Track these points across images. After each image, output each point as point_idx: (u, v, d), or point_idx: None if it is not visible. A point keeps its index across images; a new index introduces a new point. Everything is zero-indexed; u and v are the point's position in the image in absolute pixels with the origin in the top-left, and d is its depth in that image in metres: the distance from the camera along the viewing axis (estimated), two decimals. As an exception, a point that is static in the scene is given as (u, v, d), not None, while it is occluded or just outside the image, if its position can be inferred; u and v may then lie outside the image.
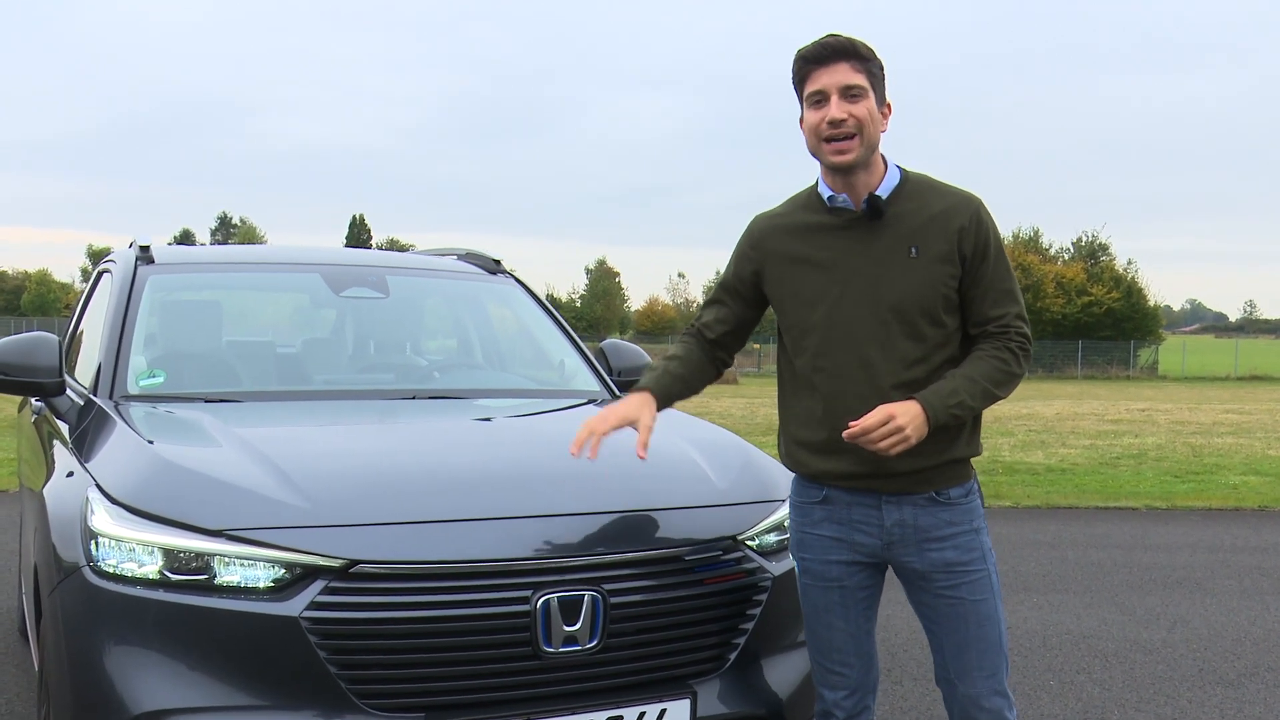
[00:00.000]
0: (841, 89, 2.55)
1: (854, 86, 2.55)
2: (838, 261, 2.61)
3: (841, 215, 2.62)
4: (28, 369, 3.56)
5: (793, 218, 2.71)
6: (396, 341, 4.54)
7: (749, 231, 2.79)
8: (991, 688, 2.64)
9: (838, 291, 2.60)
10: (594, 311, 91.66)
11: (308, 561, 2.48)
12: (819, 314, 2.62)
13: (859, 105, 2.55)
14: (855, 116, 2.54)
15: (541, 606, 2.54)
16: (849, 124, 2.54)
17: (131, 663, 2.48)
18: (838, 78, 2.55)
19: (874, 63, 2.60)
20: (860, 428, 2.48)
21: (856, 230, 2.61)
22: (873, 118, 2.57)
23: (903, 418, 2.47)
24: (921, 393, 2.53)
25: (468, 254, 4.82)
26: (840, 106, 2.55)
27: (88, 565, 2.57)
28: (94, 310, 4.29)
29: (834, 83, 2.55)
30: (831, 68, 2.56)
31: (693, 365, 2.85)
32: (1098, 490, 10.51)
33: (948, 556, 2.62)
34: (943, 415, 2.52)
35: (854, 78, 2.55)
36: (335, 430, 3.42)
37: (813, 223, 2.66)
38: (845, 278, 2.60)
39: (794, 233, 2.68)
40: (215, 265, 4.56)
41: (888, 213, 2.58)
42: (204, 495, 2.63)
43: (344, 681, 2.45)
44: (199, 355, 4.03)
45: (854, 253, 2.60)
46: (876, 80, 2.60)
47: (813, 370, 2.63)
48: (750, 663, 2.85)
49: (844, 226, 2.62)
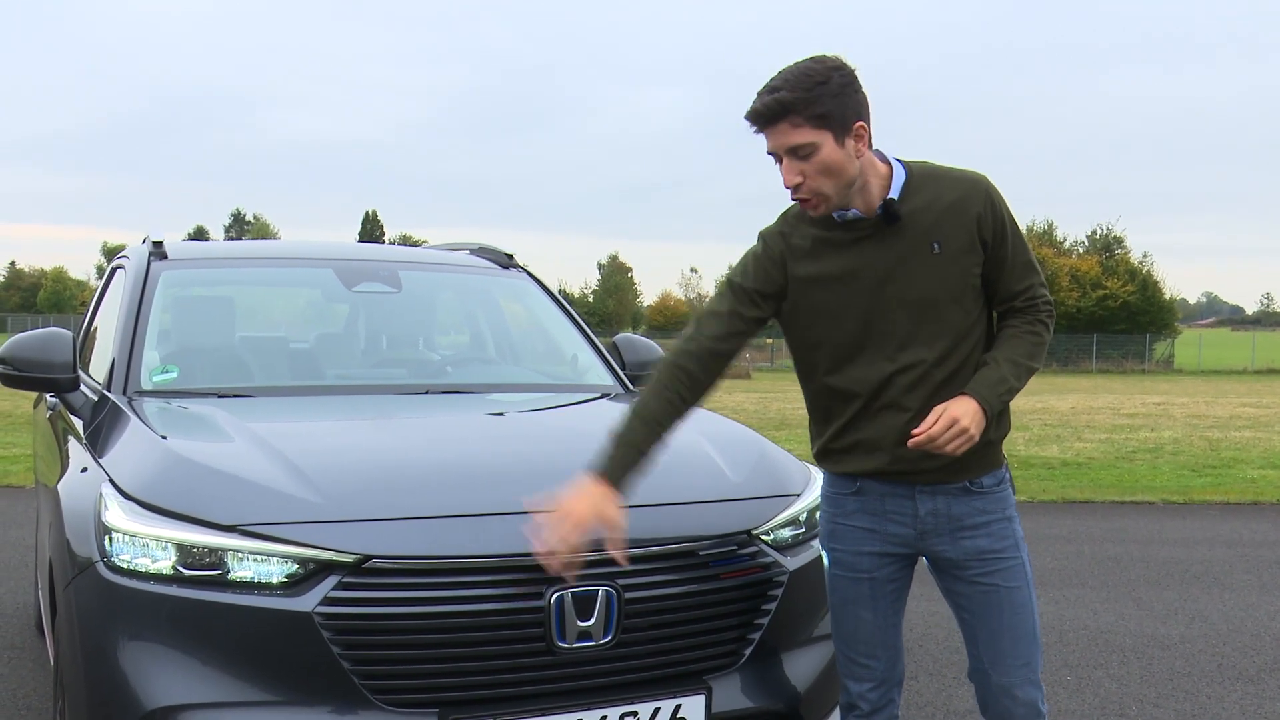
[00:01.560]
0: (787, 151, 2.45)
1: (799, 147, 2.42)
2: (862, 270, 2.55)
3: (855, 227, 2.56)
4: (42, 365, 3.57)
5: (806, 234, 2.61)
6: (409, 336, 4.54)
7: (764, 246, 2.66)
8: (1025, 676, 2.62)
9: (866, 301, 2.55)
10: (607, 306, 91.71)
11: (321, 557, 2.47)
12: (849, 325, 2.57)
13: (810, 163, 2.43)
14: (808, 175, 2.45)
15: (555, 602, 2.52)
16: (805, 186, 2.47)
17: (145, 658, 2.48)
18: (779, 140, 2.44)
19: (820, 101, 2.40)
20: (925, 436, 2.46)
21: (874, 237, 2.55)
22: (829, 168, 2.43)
23: (965, 419, 2.45)
24: (971, 385, 2.52)
25: (480, 249, 4.82)
26: (791, 169, 2.45)
27: (101, 560, 2.57)
28: (108, 306, 4.29)
29: (779, 146, 2.45)
30: (772, 130, 2.45)
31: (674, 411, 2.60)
32: (1114, 485, 10.46)
33: (981, 544, 2.61)
34: (996, 405, 2.51)
35: (795, 137, 2.42)
36: (348, 425, 3.41)
37: (827, 236, 2.58)
38: (872, 286, 2.55)
39: (812, 249, 2.60)
40: (227, 260, 4.56)
41: (903, 210, 2.53)
42: (217, 490, 2.63)
43: (357, 677, 2.44)
44: (212, 350, 4.03)
45: (876, 258, 2.55)
46: (830, 119, 2.41)
47: (851, 382, 2.59)
48: (766, 658, 2.83)
49: (860, 236, 2.56)
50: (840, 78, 2.43)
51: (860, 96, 2.48)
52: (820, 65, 2.44)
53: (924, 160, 2.63)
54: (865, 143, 2.48)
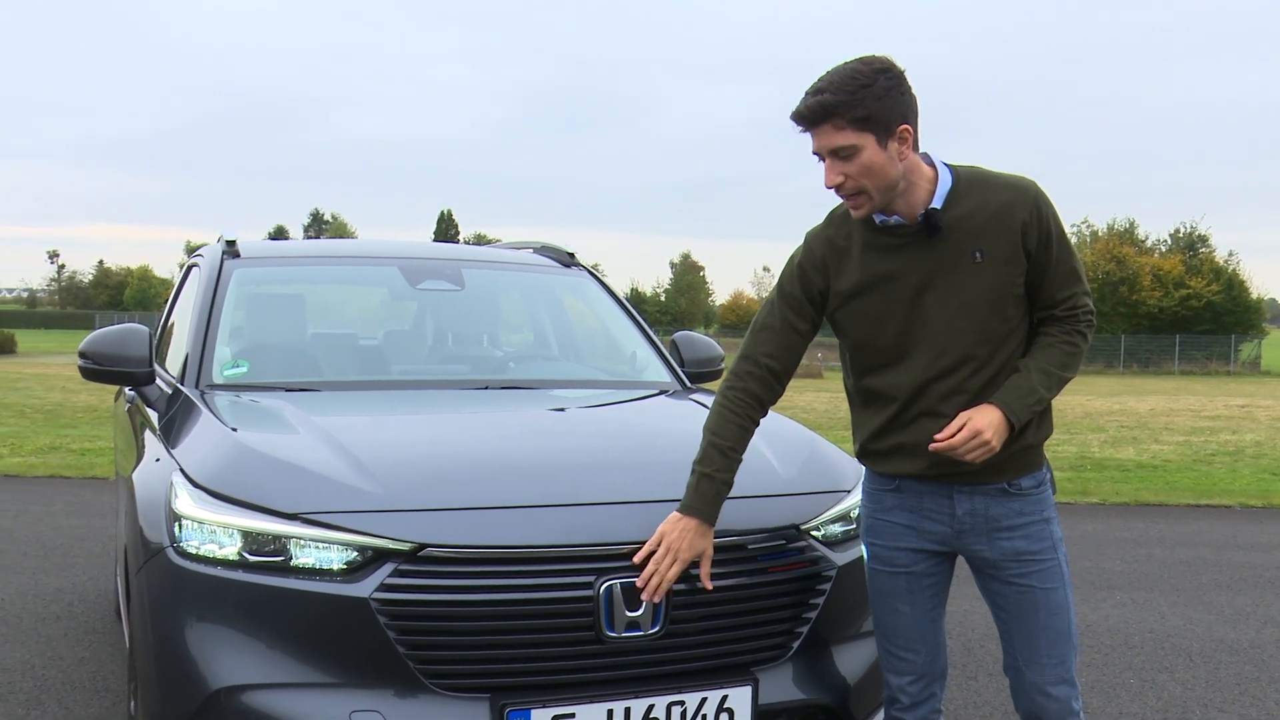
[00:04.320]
0: (830, 152, 2.48)
1: (842, 149, 2.46)
2: (901, 278, 2.57)
3: (897, 233, 2.58)
4: (119, 359, 3.72)
5: (850, 236, 2.64)
6: (471, 333, 4.63)
7: (807, 250, 2.71)
8: (1059, 675, 2.63)
9: (905, 308, 2.58)
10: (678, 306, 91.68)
11: (378, 544, 2.55)
12: (889, 333, 2.60)
13: (853, 164, 2.46)
14: (850, 176, 2.48)
15: (604, 592, 2.58)
16: (847, 185, 2.50)
17: (211, 639, 2.58)
18: (823, 142, 2.48)
19: (863, 104, 2.42)
20: (945, 444, 2.49)
21: (916, 244, 2.56)
22: (871, 170, 2.46)
23: (987, 429, 2.47)
24: (999, 395, 2.53)
25: (543, 247, 4.90)
26: (834, 169, 2.49)
27: (171, 546, 2.68)
28: (183, 303, 4.45)
29: (822, 147, 2.48)
30: (816, 131, 2.48)
31: (747, 435, 2.74)
32: (1190, 487, 10.26)
33: (1018, 545, 2.62)
34: (1024, 416, 2.52)
35: (838, 139, 2.45)
36: (408, 419, 3.51)
37: (870, 240, 2.61)
38: (912, 293, 2.57)
39: (853, 251, 2.63)
40: (297, 259, 4.70)
41: (946, 219, 2.53)
42: (281, 480, 2.72)
43: (412, 661, 2.51)
44: (281, 346, 4.15)
45: (917, 266, 2.56)
46: (873, 121, 2.43)
47: (888, 386, 2.62)
48: (813, 651, 2.86)
49: (902, 243, 2.58)
50: (886, 80, 2.44)
51: (907, 99, 2.48)
52: (866, 67, 2.45)
53: (974, 165, 2.63)
54: (910, 145, 2.49)
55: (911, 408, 2.60)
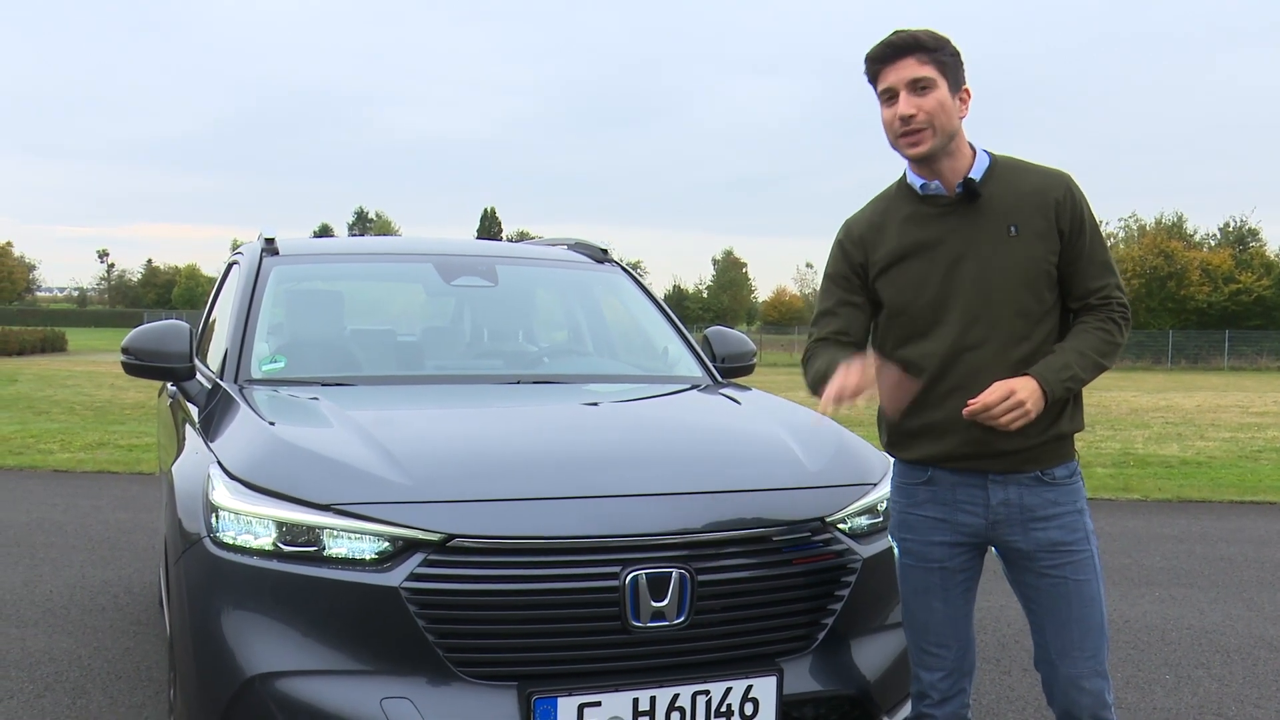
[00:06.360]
0: (908, 84, 2.58)
1: (921, 80, 2.58)
2: (938, 246, 2.64)
3: (936, 202, 2.65)
4: (160, 355, 3.81)
5: (886, 212, 2.73)
6: (505, 329, 4.68)
7: (846, 231, 2.80)
8: (1093, 668, 2.64)
9: (941, 275, 2.63)
10: (721, 302, 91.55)
11: (408, 535, 2.61)
12: (924, 300, 2.65)
13: (928, 98, 2.58)
14: (924, 110, 2.58)
15: (630, 582, 2.62)
16: (919, 118, 2.58)
17: (246, 627, 2.65)
18: (904, 73, 2.59)
19: (943, 51, 2.60)
20: (981, 404, 2.51)
21: (954, 214, 2.64)
22: (943, 108, 2.59)
23: (1022, 392, 2.50)
24: (1034, 368, 2.56)
25: (577, 244, 4.94)
26: (909, 102, 2.58)
27: (208, 536, 2.75)
28: (224, 300, 4.53)
29: (901, 79, 2.59)
30: (897, 65, 2.59)
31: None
32: (1234, 484, 10.13)
33: (1053, 536, 2.63)
34: (1058, 389, 2.54)
35: (920, 71, 2.58)
36: (440, 413, 3.56)
37: (909, 212, 2.69)
38: (948, 262, 2.63)
39: (891, 225, 2.71)
40: (334, 256, 4.78)
41: (982, 194, 2.60)
42: (314, 472, 2.79)
43: (441, 649, 2.57)
44: (318, 342, 4.22)
45: (954, 236, 2.63)
46: (947, 68, 2.60)
47: (920, 356, 2.65)
48: (838, 643, 2.88)
49: (940, 212, 2.65)
50: (954, 47, 2.64)
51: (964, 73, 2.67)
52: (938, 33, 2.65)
53: (1011, 155, 2.72)
54: (966, 109, 2.64)
55: (942, 381, 2.62)
